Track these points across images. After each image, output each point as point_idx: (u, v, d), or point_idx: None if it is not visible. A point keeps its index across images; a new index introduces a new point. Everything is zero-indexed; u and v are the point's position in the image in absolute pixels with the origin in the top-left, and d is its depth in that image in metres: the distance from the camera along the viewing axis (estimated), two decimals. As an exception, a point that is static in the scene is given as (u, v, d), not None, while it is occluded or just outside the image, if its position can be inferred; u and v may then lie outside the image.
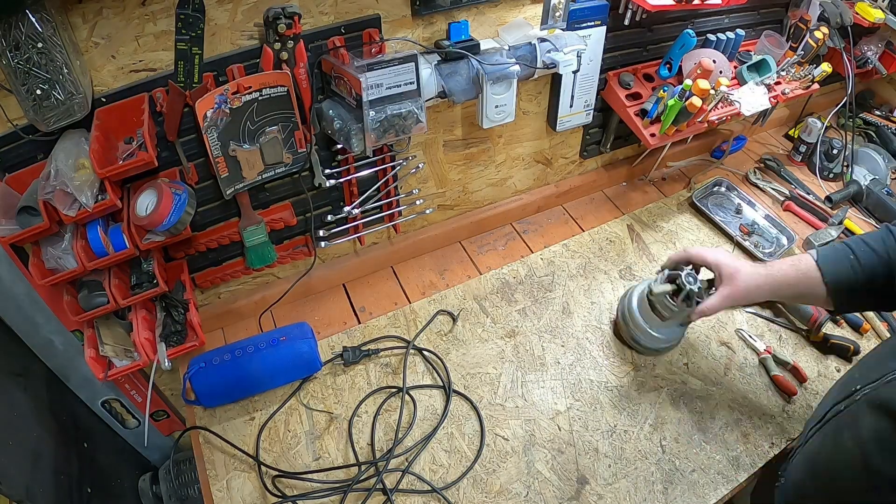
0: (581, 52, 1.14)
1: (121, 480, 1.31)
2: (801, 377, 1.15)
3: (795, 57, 1.43)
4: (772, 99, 1.38)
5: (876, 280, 0.84)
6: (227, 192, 1.00)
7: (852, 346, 1.17)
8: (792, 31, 1.44)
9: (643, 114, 1.32)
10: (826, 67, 1.41)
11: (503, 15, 1.12)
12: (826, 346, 1.18)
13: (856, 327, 1.25)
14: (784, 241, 1.43)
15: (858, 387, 0.71)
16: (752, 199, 1.54)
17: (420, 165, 1.23)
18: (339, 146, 1.09)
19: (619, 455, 1.03)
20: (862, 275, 0.85)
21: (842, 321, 1.26)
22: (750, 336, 1.17)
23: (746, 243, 1.41)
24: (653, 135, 1.31)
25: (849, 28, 1.43)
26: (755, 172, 1.63)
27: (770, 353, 1.16)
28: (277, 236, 1.17)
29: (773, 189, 1.57)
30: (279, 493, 0.97)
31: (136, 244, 0.90)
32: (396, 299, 1.30)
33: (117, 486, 1.29)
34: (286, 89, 0.94)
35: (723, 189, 1.59)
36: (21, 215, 0.83)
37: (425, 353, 1.17)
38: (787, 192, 1.56)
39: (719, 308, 0.97)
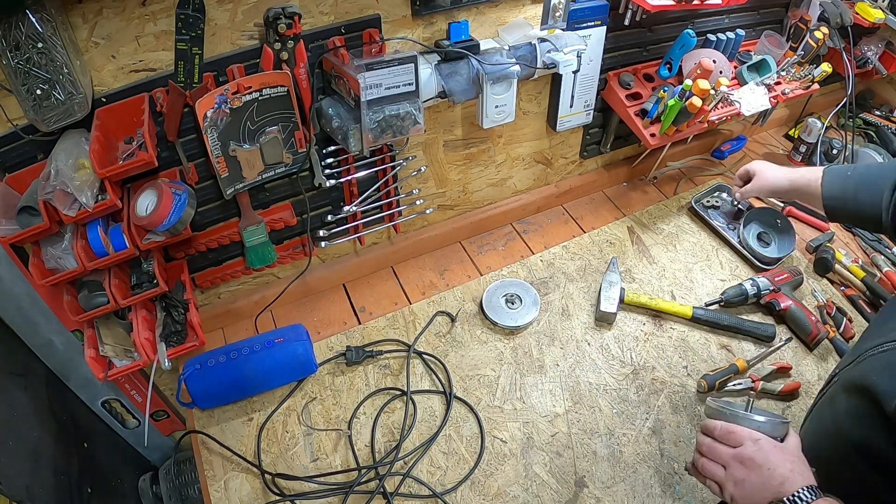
0: (581, 52, 1.14)
1: (121, 480, 1.31)
2: (785, 368, 1.16)
3: (795, 57, 1.43)
4: (772, 99, 1.38)
5: (863, 213, 0.97)
6: (228, 192, 1.00)
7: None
8: (792, 31, 1.44)
9: (643, 114, 1.32)
10: (826, 67, 1.41)
11: (503, 15, 1.12)
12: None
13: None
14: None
15: (837, 371, 0.76)
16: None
17: (422, 168, 1.23)
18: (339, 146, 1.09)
19: (617, 458, 1.03)
20: (853, 205, 0.98)
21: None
22: (733, 385, 1.12)
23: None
24: (653, 135, 1.31)
25: (849, 28, 1.43)
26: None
27: (758, 382, 1.12)
28: (277, 236, 1.17)
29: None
30: (278, 493, 0.97)
31: (136, 244, 0.90)
32: (396, 299, 1.30)
33: (117, 486, 1.29)
34: (286, 89, 0.94)
35: (724, 195, 1.57)
36: (21, 215, 0.83)
37: (425, 356, 1.17)
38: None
39: (751, 194, 1.25)
